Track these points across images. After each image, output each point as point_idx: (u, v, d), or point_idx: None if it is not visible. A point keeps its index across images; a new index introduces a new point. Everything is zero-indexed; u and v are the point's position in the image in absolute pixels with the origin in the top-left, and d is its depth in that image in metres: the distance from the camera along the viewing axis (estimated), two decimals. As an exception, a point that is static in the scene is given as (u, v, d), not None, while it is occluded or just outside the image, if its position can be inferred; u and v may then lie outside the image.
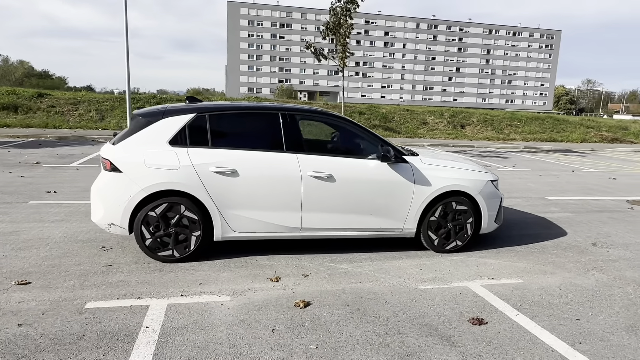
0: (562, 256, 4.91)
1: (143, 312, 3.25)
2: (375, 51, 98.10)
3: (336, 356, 2.78)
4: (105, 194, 4.12)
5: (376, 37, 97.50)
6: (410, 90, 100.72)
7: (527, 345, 2.99)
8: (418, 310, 3.46)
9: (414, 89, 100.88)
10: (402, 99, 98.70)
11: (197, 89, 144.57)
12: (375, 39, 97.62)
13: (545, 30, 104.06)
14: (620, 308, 3.64)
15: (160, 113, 4.32)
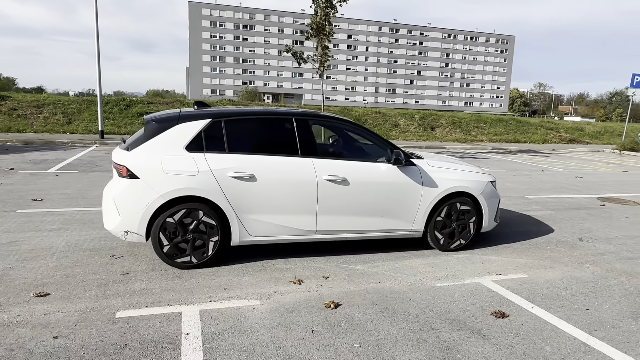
0: (555, 251, 5.24)
1: (177, 319, 3.25)
2: (338, 54, 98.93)
3: (380, 353, 2.89)
4: (121, 201, 4.05)
5: (339, 40, 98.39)
6: (373, 92, 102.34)
7: (551, 334, 3.22)
8: (442, 306, 3.63)
9: (377, 92, 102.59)
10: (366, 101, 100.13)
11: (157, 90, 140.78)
12: (339, 41, 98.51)
13: (500, 35, 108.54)
14: (620, 297, 3.96)
15: (174, 118, 4.29)
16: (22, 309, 3.31)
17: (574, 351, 3.01)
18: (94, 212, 6.13)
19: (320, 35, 12.25)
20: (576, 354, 2.97)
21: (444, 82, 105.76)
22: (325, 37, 12.26)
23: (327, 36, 12.24)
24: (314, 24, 12.11)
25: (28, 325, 3.08)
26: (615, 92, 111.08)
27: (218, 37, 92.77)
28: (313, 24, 12.13)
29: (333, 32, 12.24)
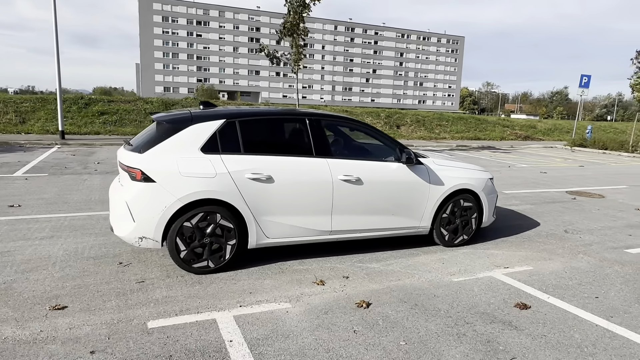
0: (548, 243, 5.54)
1: (214, 326, 3.16)
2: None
3: (428, 349, 2.96)
4: (136, 206, 3.87)
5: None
6: (330, 90, 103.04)
7: (575, 323, 3.42)
8: (467, 301, 3.75)
9: (334, 90, 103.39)
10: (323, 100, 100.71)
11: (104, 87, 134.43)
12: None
13: (451, 36, 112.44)
14: (621, 285, 4.25)
15: (188, 119, 4.15)
16: (42, 324, 3.10)
17: (600, 337, 3.21)
18: (82, 217, 5.80)
19: (294, 35, 12.20)
20: (604, 340, 3.17)
21: (399, 81, 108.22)
22: (298, 36, 12.23)
23: (300, 35, 12.22)
24: (287, 23, 12.03)
25: (56, 341, 2.89)
26: (556, 92, 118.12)
27: (171, 32, 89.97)
28: (287, 23, 12.05)
29: (307, 31, 12.24)
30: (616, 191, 9.70)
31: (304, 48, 12.51)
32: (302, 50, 12.52)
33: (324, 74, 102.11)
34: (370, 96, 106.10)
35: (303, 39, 12.25)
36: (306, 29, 12.10)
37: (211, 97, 61.38)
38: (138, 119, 17.83)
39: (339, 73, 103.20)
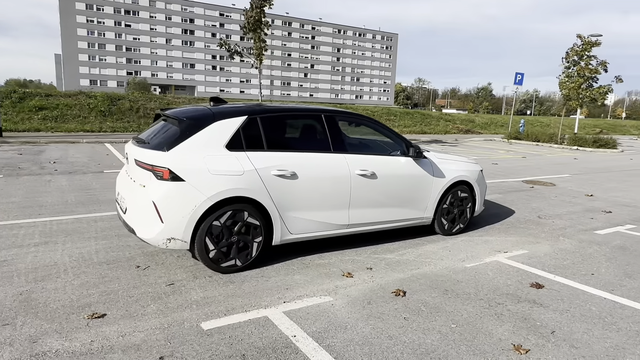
0: (530, 228, 6.06)
1: (269, 323, 3.17)
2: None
3: (476, 329, 3.19)
4: (165, 206, 3.73)
5: (232, 31, 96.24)
6: (268, 85, 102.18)
7: (586, 297, 3.83)
8: (488, 284, 4.06)
9: (272, 84, 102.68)
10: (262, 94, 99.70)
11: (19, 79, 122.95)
12: (231, 32, 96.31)
13: (385, 32, 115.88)
14: (606, 262, 4.79)
15: (210, 116, 4.06)
16: (89, 334, 2.93)
17: (613, 308, 3.63)
18: (70, 221, 5.43)
19: (258, 30, 12.05)
20: (616, 310, 3.59)
21: (336, 76, 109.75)
22: (261, 31, 12.09)
23: (264, 29, 12.08)
24: (250, 18, 11.84)
25: (115, 350, 2.76)
26: (481, 88, 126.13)
27: (96, 22, 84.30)
28: (250, 18, 11.86)
29: (269, 25, 12.12)
30: (563, 180, 10.71)
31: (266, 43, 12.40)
32: (265, 46, 12.40)
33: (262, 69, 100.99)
34: (308, 91, 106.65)
35: (266, 33, 12.13)
36: (268, 22, 12.00)
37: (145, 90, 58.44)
38: (82, 114, 16.64)
39: (277, 67, 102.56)
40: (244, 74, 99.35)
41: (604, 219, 6.78)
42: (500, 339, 3.06)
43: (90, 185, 7.51)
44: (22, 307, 3.25)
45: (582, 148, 19.47)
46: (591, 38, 18.83)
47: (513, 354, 2.89)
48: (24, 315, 3.14)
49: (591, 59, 18.98)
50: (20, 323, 3.03)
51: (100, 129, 15.61)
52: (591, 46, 18.87)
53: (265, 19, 11.87)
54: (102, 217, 5.63)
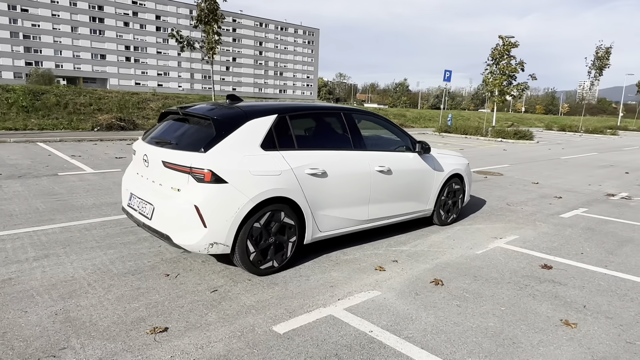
0: (507, 215, 6.63)
1: (338, 321, 3.20)
2: (147, 35, 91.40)
3: (523, 309, 3.50)
4: (208, 210, 3.56)
5: (147, 21, 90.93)
6: (189, 78, 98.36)
7: (592, 274, 4.34)
8: (506, 267, 4.42)
9: (193, 78, 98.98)
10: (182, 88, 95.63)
11: None
12: (146, 22, 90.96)
13: (307, 27, 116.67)
14: (585, 242, 5.43)
15: (242, 115, 3.94)
16: (163, 349, 2.76)
17: (616, 281, 4.17)
18: (58, 230, 4.92)
19: (211, 22, 11.58)
20: (620, 283, 4.13)
21: (259, 70, 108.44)
22: (215, 23, 11.64)
23: (218, 21, 11.65)
24: (203, 10, 11.33)
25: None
26: (399, 83, 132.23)
27: (-15, 5, 74.80)
28: (202, 10, 11.34)
29: (223, 18, 11.69)
30: (506, 169, 11.74)
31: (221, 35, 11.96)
32: (219, 38, 11.96)
33: (181, 61, 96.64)
34: (231, 85, 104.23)
35: (219, 26, 11.70)
36: (222, 14, 11.58)
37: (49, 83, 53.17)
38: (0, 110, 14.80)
39: (198, 60, 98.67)
40: (161, 66, 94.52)
41: (560, 204, 7.61)
42: (548, 317, 3.40)
43: (53, 190, 6.81)
44: (67, 328, 2.95)
45: (505, 140, 21.39)
46: (511, 39, 20.70)
47: (566, 328, 3.23)
48: (76, 336, 2.85)
49: (511, 58, 20.88)
50: (78, 345, 2.76)
51: (26, 127, 14.01)
52: (511, 47, 20.74)
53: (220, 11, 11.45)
54: (93, 225, 5.18)
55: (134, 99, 18.35)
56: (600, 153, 18.34)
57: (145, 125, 16.51)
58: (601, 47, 30.11)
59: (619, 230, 6.03)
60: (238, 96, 4.57)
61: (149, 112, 17.92)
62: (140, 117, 17.15)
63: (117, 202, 6.25)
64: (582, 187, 9.53)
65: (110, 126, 15.14)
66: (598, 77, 30.21)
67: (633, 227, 6.25)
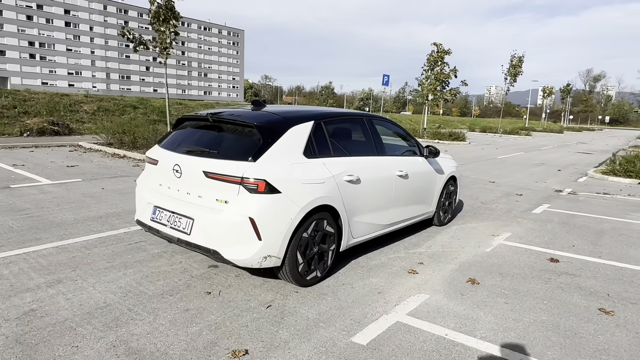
0: (489, 213, 7.07)
1: (409, 328, 3.23)
2: (55, 31, 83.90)
3: (562, 302, 3.77)
4: (263, 222, 3.39)
5: (54, 15, 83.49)
6: (104, 78, 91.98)
7: (594, 264, 4.78)
8: (521, 263, 4.73)
9: (109, 78, 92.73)
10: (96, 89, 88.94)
11: None
12: (54, 16, 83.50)
13: (232, 28, 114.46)
14: (568, 234, 5.97)
15: (283, 121, 3.81)
16: (256, 373, 2.60)
17: (618, 270, 4.63)
18: (53, 251, 4.37)
19: (170, 20, 10.90)
20: (622, 271, 4.60)
21: (182, 71, 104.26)
22: (175, 21, 10.97)
23: (177, 19, 10.99)
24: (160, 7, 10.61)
25: (310, 383, 2.52)
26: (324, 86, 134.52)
27: None
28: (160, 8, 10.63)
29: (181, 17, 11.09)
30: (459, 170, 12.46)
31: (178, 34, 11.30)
32: (175, 38, 11.31)
33: (94, 60, 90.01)
34: (152, 86, 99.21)
35: (175, 25, 11.07)
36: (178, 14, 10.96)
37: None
38: None
39: (114, 59, 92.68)
40: (72, 65, 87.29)
41: (525, 201, 8.28)
42: (586, 307, 3.70)
43: (15, 204, 6.02)
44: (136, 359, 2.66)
45: (441, 141, 22.69)
46: (444, 47, 22.04)
47: (605, 316, 3.54)
48: (153, 369, 2.58)
49: (445, 65, 22.23)
50: (164, 379, 2.50)
51: None
52: (444, 54, 22.08)
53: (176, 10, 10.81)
54: (90, 243, 4.67)
55: (64, 101, 16.69)
56: (527, 152, 20.19)
57: (81, 129, 15.14)
58: (515, 56, 33.13)
59: (587, 223, 6.70)
60: (262, 102, 4.41)
61: (82, 115, 16.43)
62: (74, 121, 15.67)
63: (101, 216, 5.70)
64: (532, 184, 10.43)
65: (42, 131, 13.68)
66: (513, 83, 33.15)
67: (596, 219, 6.98)
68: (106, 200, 6.52)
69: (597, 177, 11.97)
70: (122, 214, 5.83)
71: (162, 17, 10.55)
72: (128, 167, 9.76)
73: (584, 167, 15.15)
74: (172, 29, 11.00)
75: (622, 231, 6.27)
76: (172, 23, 10.89)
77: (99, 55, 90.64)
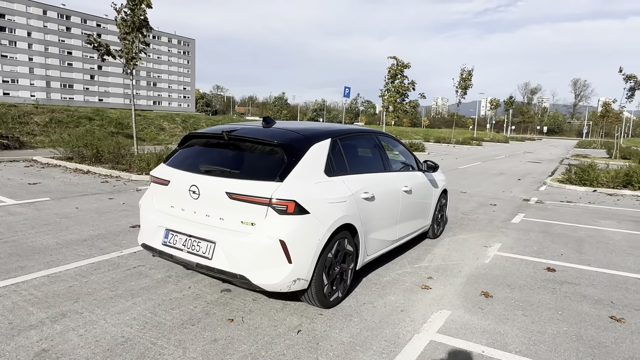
0: (473, 224, 7.28)
1: (447, 346, 3.23)
2: (-12, 36, 78.42)
3: (573, 311, 3.92)
4: (294, 244, 3.28)
5: (-17, 12, 78.15)
6: (44, 87, 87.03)
7: (586, 272, 5.03)
8: (522, 274, 4.89)
9: (50, 86, 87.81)
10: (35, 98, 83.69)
11: None
12: (-17, 13, 78.15)
13: (182, 37, 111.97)
14: (552, 243, 6.25)
15: (304, 139, 3.74)
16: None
17: (611, 277, 4.90)
18: (45, 281, 3.99)
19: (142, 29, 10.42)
20: (614, 278, 4.86)
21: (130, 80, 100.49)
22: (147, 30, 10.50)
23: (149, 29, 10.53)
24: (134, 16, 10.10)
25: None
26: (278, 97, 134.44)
27: None
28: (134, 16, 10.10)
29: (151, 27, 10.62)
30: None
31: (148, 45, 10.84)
32: (144, 48, 10.83)
33: (33, 67, 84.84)
34: (97, 95, 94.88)
35: (145, 34, 10.60)
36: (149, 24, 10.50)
37: None
38: None
39: (55, 67, 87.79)
40: (7, 72, 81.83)
41: (501, 211, 8.62)
42: (597, 316, 3.87)
43: (-18, 229, 5.48)
44: (182, 401, 2.46)
45: (402, 152, 23.25)
46: (404, 61, 22.71)
47: (619, 324, 3.72)
48: (202, 409, 2.40)
49: (404, 78, 22.89)
50: (218, 420, 2.32)
51: None
52: (404, 67, 22.75)
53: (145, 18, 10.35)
54: (84, 270, 4.32)
55: (12, 111, 15.48)
56: (484, 162, 21.12)
57: (33, 143, 14.11)
58: (465, 70, 34.73)
59: (564, 231, 7.07)
60: (272, 118, 4.30)
61: (33, 127, 15.30)
62: (25, 134, 14.55)
63: (86, 239, 5.30)
64: (500, 194, 10.90)
65: (-11, 145, 12.62)
66: (464, 95, 34.69)
67: (571, 227, 7.38)
68: (85, 221, 6.09)
69: (556, 186, 12.71)
70: (108, 236, 5.46)
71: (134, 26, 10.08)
72: (96, 183, 9.19)
73: (539, 175, 16.06)
74: (142, 38, 10.55)
75: (598, 238, 6.66)
76: (143, 32, 10.45)
77: (38, 62, 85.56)
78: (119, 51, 10.72)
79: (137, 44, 10.41)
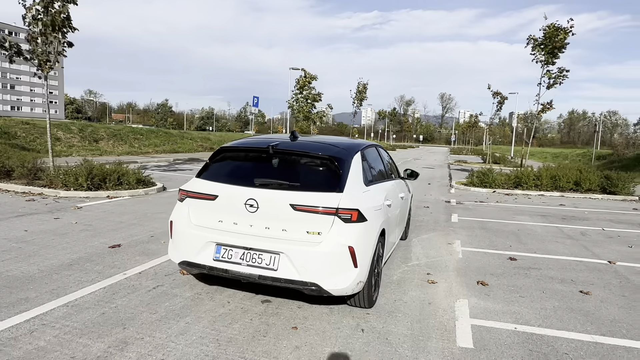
0: (424, 225, 8.13)
1: (485, 328, 3.78)
2: None
3: (556, 292, 4.81)
4: (360, 249, 3.54)
5: None
6: None
7: (541, 259, 6.07)
8: (495, 264, 5.73)
9: None
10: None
11: None
12: None
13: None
14: (498, 238, 7.33)
15: (346, 152, 4.03)
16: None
17: (557, 261, 5.99)
18: (75, 308, 3.62)
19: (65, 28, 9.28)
20: (562, 262, 5.97)
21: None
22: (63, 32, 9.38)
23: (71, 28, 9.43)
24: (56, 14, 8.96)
25: (475, 387, 2.87)
26: (162, 104, 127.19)
27: None
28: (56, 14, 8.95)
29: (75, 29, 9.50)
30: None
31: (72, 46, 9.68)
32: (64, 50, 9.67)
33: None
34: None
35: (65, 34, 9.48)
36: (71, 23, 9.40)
37: None
38: None
39: None
40: None
41: (436, 212, 9.69)
42: (570, 291, 4.80)
43: None
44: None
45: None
46: (311, 73, 23.61)
47: (589, 296, 4.67)
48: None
49: (312, 89, 23.79)
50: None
51: None
52: (311, 79, 23.65)
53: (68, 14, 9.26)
54: (102, 295, 3.96)
55: None
56: (388, 169, 22.90)
57: None
58: (360, 83, 37.12)
59: (498, 227, 8.29)
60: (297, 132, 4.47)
61: None
62: None
63: (70, 263, 4.80)
64: (424, 197, 12.14)
65: None
66: (360, 106, 37.02)
67: (501, 223, 8.66)
68: (50, 245, 5.45)
69: (462, 188, 14.52)
70: (93, 259, 5.01)
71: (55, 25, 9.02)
72: (20, 202, 8.07)
73: (441, 179, 18.07)
74: (62, 39, 9.51)
75: (526, 231, 7.97)
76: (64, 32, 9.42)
77: None
78: (30, 52, 9.52)
79: (55, 44, 9.37)
